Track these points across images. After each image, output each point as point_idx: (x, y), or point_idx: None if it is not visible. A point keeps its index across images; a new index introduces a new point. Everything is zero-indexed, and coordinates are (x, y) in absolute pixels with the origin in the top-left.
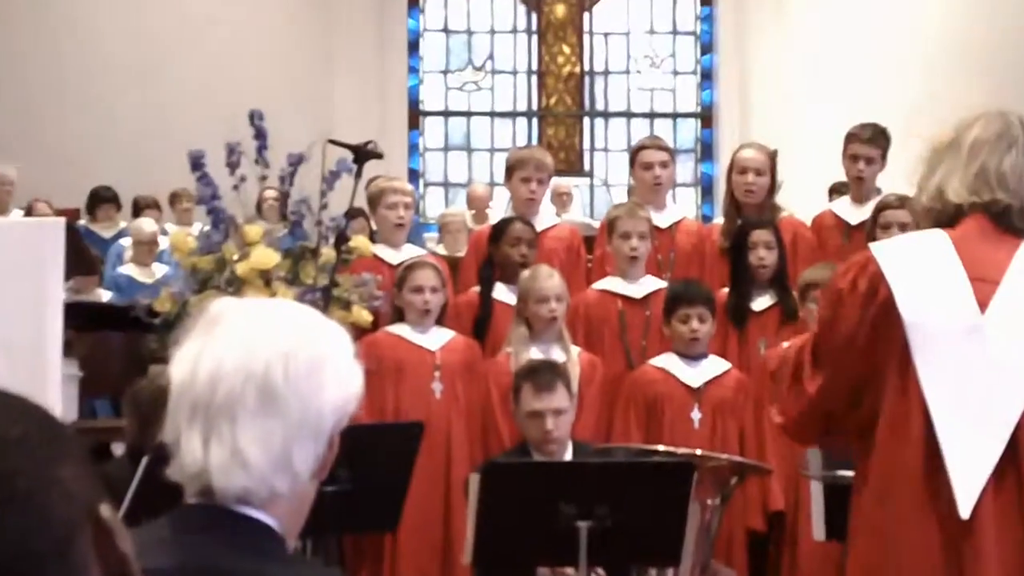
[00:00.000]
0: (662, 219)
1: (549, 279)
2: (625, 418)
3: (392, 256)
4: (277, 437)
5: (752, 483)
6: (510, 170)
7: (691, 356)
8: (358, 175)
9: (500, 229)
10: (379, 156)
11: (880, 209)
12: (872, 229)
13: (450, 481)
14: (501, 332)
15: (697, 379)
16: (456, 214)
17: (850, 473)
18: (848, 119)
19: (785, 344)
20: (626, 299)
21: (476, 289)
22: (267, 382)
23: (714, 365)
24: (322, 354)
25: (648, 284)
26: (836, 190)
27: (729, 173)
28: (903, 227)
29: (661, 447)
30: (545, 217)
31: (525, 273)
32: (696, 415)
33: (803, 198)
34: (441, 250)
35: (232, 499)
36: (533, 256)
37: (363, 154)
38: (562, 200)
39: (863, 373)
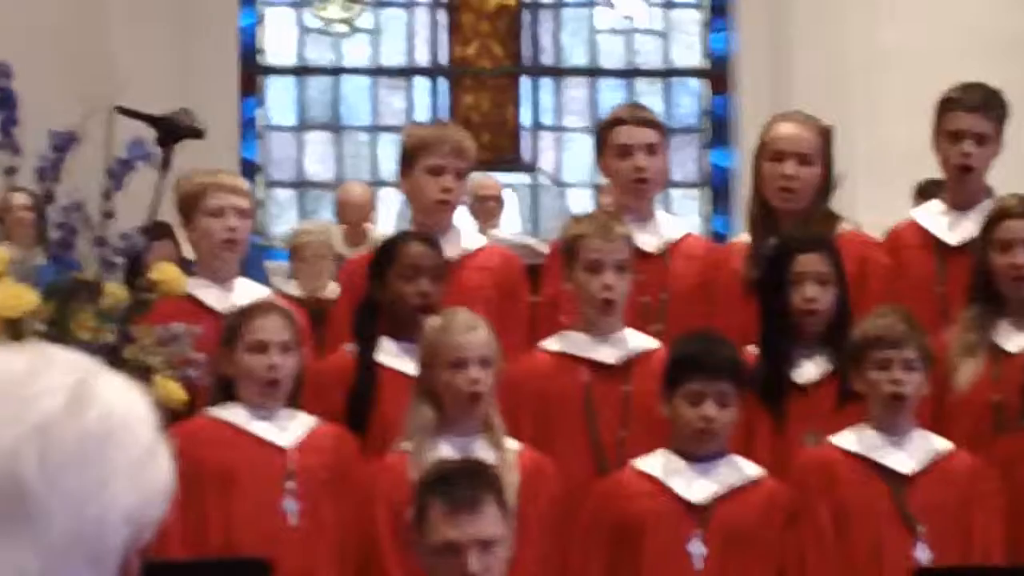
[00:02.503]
0: (649, 238)
1: (469, 332)
2: (583, 556)
3: (217, 297)
4: (33, 567)
5: None
6: (409, 158)
7: (699, 456)
8: (164, 166)
9: (387, 252)
10: (197, 135)
11: (996, 218)
12: (983, 250)
13: None
14: (394, 416)
15: (704, 491)
16: (318, 231)
17: None
18: (941, 78)
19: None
20: (595, 366)
21: (350, 347)
22: (13, 477)
23: (734, 471)
24: (104, 426)
25: (629, 342)
26: (924, 191)
27: (757, 162)
28: None
29: None
30: (462, 235)
31: (432, 323)
32: (697, 548)
33: (874, 201)
34: (293, 289)
35: None
36: (439, 295)
37: (172, 130)
38: (487, 208)
39: None
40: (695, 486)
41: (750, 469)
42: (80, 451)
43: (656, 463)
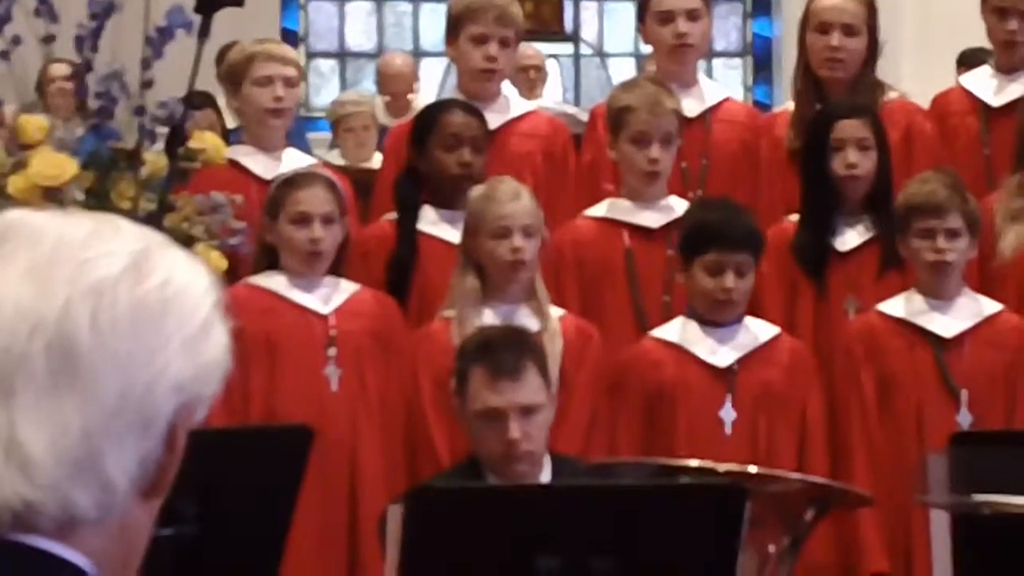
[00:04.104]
0: (690, 103)
1: (513, 201)
2: (613, 421)
3: (263, 166)
4: (76, 424)
5: (831, 524)
6: (454, 26)
7: (719, 323)
8: (203, 35)
9: (428, 121)
10: (237, 3)
11: None
12: None
13: (357, 518)
14: (435, 285)
15: (727, 356)
16: (361, 102)
17: (1004, 499)
18: None
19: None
20: (638, 231)
21: (392, 217)
22: (63, 335)
23: (752, 333)
24: (160, 295)
25: (671, 208)
26: (968, 60)
27: (802, 32)
28: None
29: (693, 462)
30: (508, 103)
31: (476, 191)
32: (728, 414)
33: (920, 70)
34: (337, 158)
35: (5, 522)
36: (481, 165)
37: (211, 0)
38: (529, 78)
39: None
40: (718, 351)
41: (767, 328)
42: (134, 316)
43: (674, 331)
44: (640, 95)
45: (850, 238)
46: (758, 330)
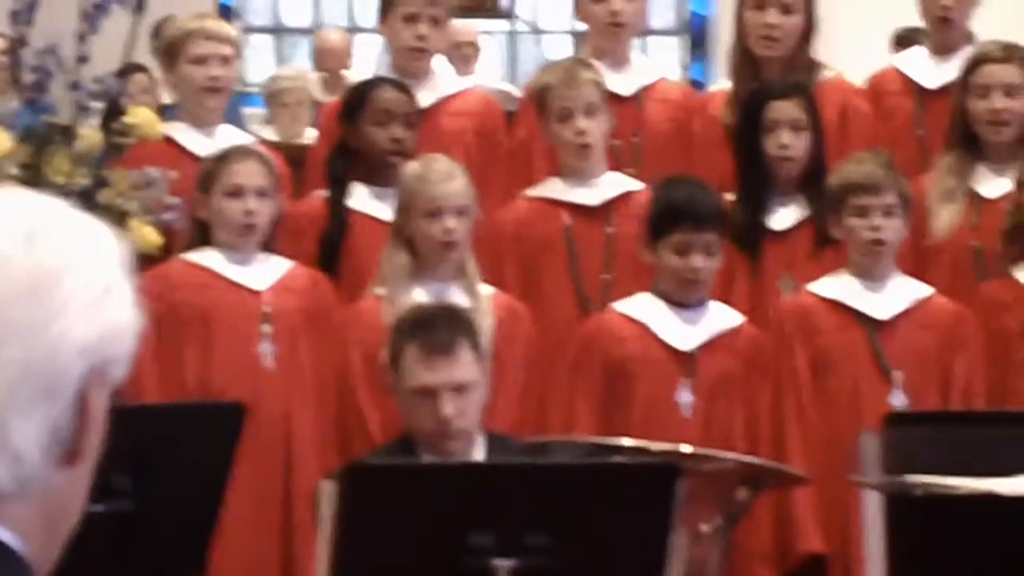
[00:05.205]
0: (623, 82)
1: (447, 181)
2: (570, 396)
3: (198, 142)
4: None
5: (767, 506)
6: (386, 5)
7: (684, 303)
8: (139, 8)
9: (359, 98)
10: None
11: (975, 63)
12: (961, 94)
13: (290, 494)
14: (365, 262)
15: (691, 339)
16: (295, 78)
17: (937, 479)
18: None
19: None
20: (577, 209)
21: (323, 193)
22: None
23: (717, 319)
24: (58, 261)
25: (609, 185)
26: (904, 40)
27: (739, 11)
28: (1009, 91)
29: (627, 441)
30: (440, 81)
31: (409, 169)
32: (685, 396)
33: (855, 49)
34: (270, 134)
35: None
36: (412, 141)
37: None
38: (463, 55)
39: None
40: (682, 334)
41: (732, 316)
42: (31, 284)
43: (640, 307)
44: (557, 72)
45: (785, 217)
46: (722, 316)
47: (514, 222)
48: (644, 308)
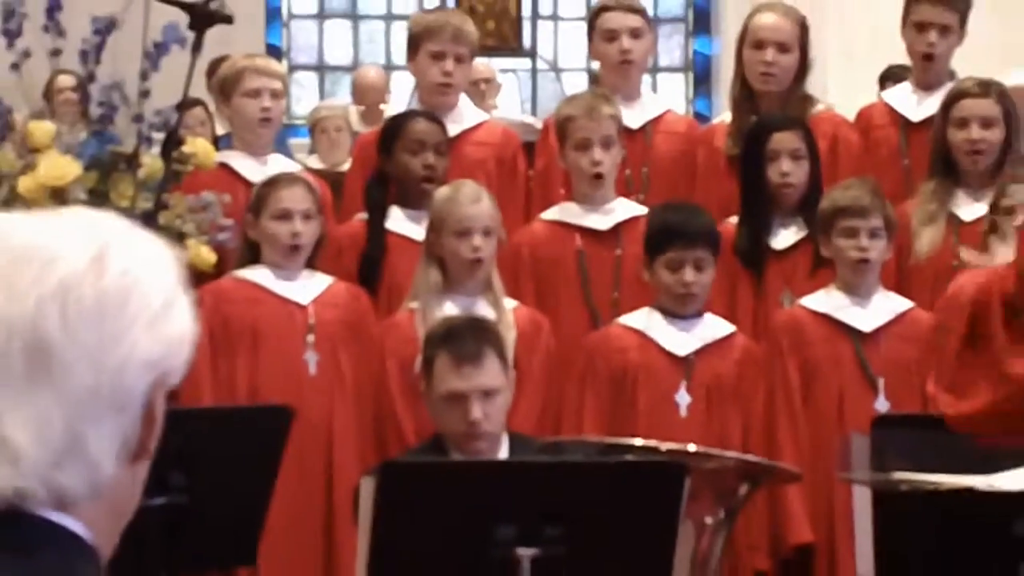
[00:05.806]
0: (632, 115)
1: (475, 204)
2: (579, 401)
3: (250, 169)
4: (56, 415)
5: (762, 501)
6: (414, 43)
7: (681, 315)
8: (196, 49)
9: (394, 128)
10: (227, 20)
11: (955, 98)
12: (942, 126)
13: (332, 490)
14: (401, 278)
15: (686, 346)
16: (336, 109)
17: (920, 476)
18: None
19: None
20: (588, 233)
21: (363, 216)
22: (37, 335)
23: (711, 327)
24: (121, 283)
25: (618, 211)
26: (890, 77)
27: (740, 48)
28: (986, 124)
29: (638, 441)
30: (466, 113)
31: (440, 193)
32: (683, 398)
33: (846, 85)
34: (315, 162)
35: None
36: (444, 168)
37: (204, 17)
38: (480, 90)
39: None
40: (678, 340)
41: (724, 326)
42: (99, 307)
43: (640, 319)
44: (579, 104)
45: (785, 238)
46: (716, 326)
47: (531, 244)
48: (644, 320)
